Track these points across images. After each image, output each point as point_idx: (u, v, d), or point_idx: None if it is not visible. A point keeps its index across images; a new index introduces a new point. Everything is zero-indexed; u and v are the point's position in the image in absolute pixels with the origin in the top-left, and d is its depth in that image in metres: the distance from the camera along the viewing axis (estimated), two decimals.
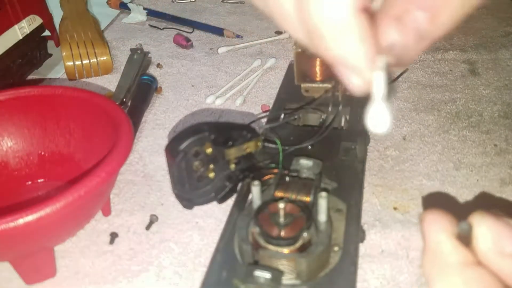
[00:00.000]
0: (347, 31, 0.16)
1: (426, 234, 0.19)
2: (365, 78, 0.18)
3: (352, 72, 0.18)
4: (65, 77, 0.63)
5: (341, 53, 0.17)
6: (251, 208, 0.32)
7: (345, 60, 0.17)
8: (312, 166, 0.37)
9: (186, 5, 0.84)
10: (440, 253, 0.18)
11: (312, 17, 0.17)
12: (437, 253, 0.18)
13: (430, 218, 0.19)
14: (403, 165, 0.46)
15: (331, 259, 0.31)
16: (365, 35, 0.17)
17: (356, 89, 0.18)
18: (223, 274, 0.30)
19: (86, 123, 0.44)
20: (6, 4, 0.56)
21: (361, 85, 0.18)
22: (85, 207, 0.36)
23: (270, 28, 0.74)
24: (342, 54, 0.17)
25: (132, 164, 0.48)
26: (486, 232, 0.18)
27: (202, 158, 0.35)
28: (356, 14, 0.16)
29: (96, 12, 0.78)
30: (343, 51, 0.17)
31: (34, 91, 0.45)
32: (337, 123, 0.43)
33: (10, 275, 0.36)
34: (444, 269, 0.18)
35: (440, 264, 0.18)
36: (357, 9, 0.16)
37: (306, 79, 0.46)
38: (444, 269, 0.18)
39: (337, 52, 0.17)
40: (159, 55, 0.68)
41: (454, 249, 0.18)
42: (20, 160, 0.45)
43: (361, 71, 0.17)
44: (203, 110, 0.56)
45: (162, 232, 0.40)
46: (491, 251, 0.18)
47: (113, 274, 0.37)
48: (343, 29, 0.16)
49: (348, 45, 0.17)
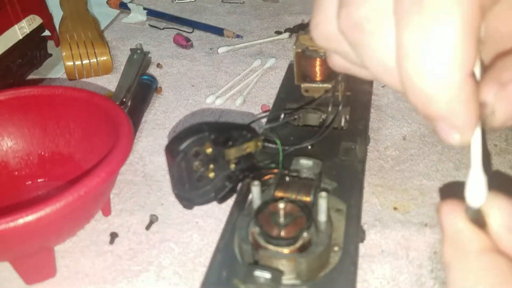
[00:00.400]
0: (457, 95, 0.17)
1: (444, 223, 0.19)
2: (465, 137, 0.18)
3: (452, 130, 0.18)
4: (65, 77, 0.63)
5: (445, 114, 0.17)
6: (251, 208, 0.32)
7: (448, 120, 0.18)
8: (312, 166, 0.37)
9: (186, 5, 0.84)
10: (460, 240, 0.19)
11: (417, 77, 0.17)
12: (457, 240, 0.19)
13: (447, 208, 0.20)
14: (403, 165, 0.46)
15: (331, 259, 0.31)
16: (473, 99, 0.17)
17: (455, 144, 0.18)
18: (223, 274, 0.30)
19: (86, 123, 0.44)
20: (6, 4, 0.56)
21: (460, 142, 0.18)
22: (85, 207, 0.36)
23: (270, 28, 0.74)
24: (446, 114, 0.17)
25: (132, 164, 0.48)
26: (497, 210, 0.19)
27: (202, 158, 0.35)
28: (467, 79, 0.17)
29: (96, 12, 0.78)
30: (447, 112, 0.17)
31: (34, 91, 0.45)
32: (337, 123, 0.43)
33: (10, 275, 0.36)
34: (464, 255, 0.18)
35: (459, 251, 0.19)
36: (468, 75, 0.17)
37: (306, 79, 0.46)
38: (463, 255, 0.18)
39: (441, 112, 0.17)
40: (159, 55, 0.68)
41: (473, 235, 0.19)
42: (20, 160, 0.45)
43: (463, 131, 0.18)
44: (203, 110, 0.56)
45: (162, 232, 0.40)
46: (504, 229, 0.18)
47: (113, 274, 0.37)
48: (454, 93, 0.17)
49: (454, 107, 0.17)
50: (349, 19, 0.18)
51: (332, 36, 0.20)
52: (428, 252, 0.37)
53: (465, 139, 0.18)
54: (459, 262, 0.18)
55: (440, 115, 0.17)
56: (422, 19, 0.16)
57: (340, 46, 0.20)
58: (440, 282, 0.35)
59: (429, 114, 0.18)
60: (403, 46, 0.17)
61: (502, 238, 0.19)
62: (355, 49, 0.19)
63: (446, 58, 0.16)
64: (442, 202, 0.20)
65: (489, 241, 0.19)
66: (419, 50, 0.16)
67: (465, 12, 0.16)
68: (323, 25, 0.20)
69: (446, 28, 0.16)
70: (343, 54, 0.21)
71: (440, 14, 0.16)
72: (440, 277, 0.35)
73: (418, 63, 0.17)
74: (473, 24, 0.16)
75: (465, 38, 0.16)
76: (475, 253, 0.18)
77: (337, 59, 0.22)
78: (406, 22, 0.16)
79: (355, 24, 0.18)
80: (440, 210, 0.20)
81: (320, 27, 0.21)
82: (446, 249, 0.19)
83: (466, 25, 0.16)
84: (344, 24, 0.19)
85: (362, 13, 0.18)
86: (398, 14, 0.17)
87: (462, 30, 0.16)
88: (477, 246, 0.18)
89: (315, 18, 0.21)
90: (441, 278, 0.35)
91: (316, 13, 0.21)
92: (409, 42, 0.17)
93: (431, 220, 0.40)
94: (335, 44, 0.20)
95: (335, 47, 0.21)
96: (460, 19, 0.16)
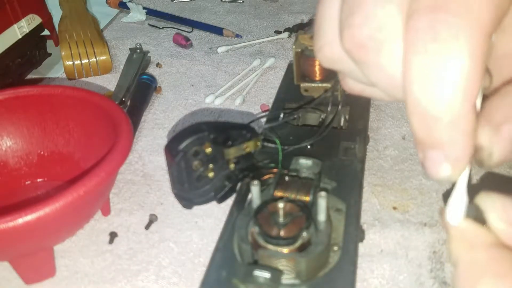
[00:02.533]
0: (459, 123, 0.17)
1: (448, 224, 0.20)
2: (455, 171, 0.18)
3: (444, 162, 0.18)
4: (64, 77, 0.63)
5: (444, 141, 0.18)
6: (250, 208, 0.32)
7: (445, 148, 0.18)
8: (312, 166, 0.37)
9: (186, 5, 0.84)
10: (466, 237, 0.20)
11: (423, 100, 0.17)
12: (463, 238, 0.20)
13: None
14: (402, 165, 0.46)
15: (331, 259, 0.31)
16: (473, 131, 0.17)
17: (442, 177, 0.19)
18: (222, 273, 0.30)
19: (85, 122, 0.44)
20: (5, 4, 0.56)
21: (449, 175, 0.19)
22: (84, 206, 0.36)
23: (270, 27, 0.74)
24: (445, 142, 0.18)
25: (132, 163, 0.48)
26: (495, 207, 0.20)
27: (201, 157, 0.35)
28: (471, 109, 0.17)
29: (96, 11, 0.78)
30: (447, 139, 0.18)
31: (33, 90, 0.45)
32: (337, 122, 0.43)
33: (10, 275, 0.36)
34: (471, 250, 0.19)
35: (466, 246, 0.19)
36: (472, 105, 0.17)
37: (306, 79, 0.46)
38: (471, 250, 0.19)
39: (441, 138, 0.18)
40: (159, 54, 0.68)
41: (477, 231, 0.20)
42: (19, 159, 0.45)
43: (458, 163, 0.18)
44: (203, 110, 0.56)
45: (161, 231, 0.40)
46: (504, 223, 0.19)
47: (112, 274, 0.37)
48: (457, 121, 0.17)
49: (455, 135, 0.17)
50: (353, 39, 0.19)
51: (337, 58, 0.21)
52: (428, 252, 0.37)
53: (455, 173, 0.18)
54: (467, 256, 0.19)
55: (439, 141, 0.18)
56: (436, 47, 0.17)
57: (346, 67, 0.21)
58: (439, 281, 0.35)
59: (428, 139, 0.18)
60: (412, 69, 0.17)
61: (502, 232, 0.19)
62: (361, 68, 0.20)
63: (455, 86, 0.17)
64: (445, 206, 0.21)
65: (491, 235, 0.19)
66: (428, 76, 0.17)
67: (477, 45, 0.16)
68: (327, 48, 0.21)
69: (458, 59, 0.16)
70: (351, 74, 0.21)
71: (454, 45, 0.16)
72: (440, 276, 0.35)
73: (427, 88, 0.17)
74: (482, 57, 0.17)
75: (474, 68, 0.16)
76: (481, 247, 0.19)
77: (350, 82, 0.22)
78: (418, 48, 0.17)
79: (359, 44, 0.19)
80: (444, 213, 0.21)
81: (324, 49, 0.21)
82: (454, 247, 0.20)
83: (476, 57, 0.16)
84: (348, 44, 0.19)
85: (366, 33, 0.18)
86: (410, 39, 0.17)
87: (472, 61, 0.16)
88: (483, 240, 0.19)
89: (319, 41, 0.21)
90: (441, 278, 0.35)
91: (319, 36, 0.21)
92: (419, 66, 0.17)
93: (430, 219, 0.40)
94: (341, 65, 0.21)
95: (342, 68, 0.21)
96: (472, 51, 0.16)
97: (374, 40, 0.18)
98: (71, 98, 0.44)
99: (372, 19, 0.18)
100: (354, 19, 0.19)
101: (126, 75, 0.59)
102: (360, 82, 0.21)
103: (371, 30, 0.18)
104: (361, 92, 0.22)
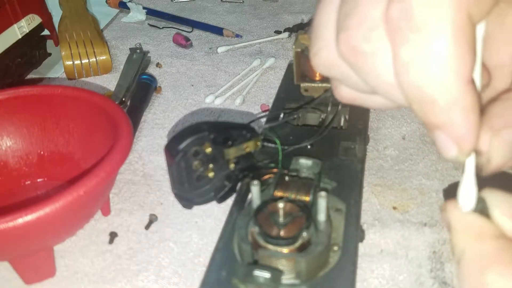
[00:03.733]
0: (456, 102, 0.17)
1: (452, 218, 0.20)
2: (463, 150, 0.18)
3: (452, 142, 0.18)
4: (64, 77, 0.63)
5: (445, 120, 0.18)
6: (250, 208, 0.32)
7: (448, 128, 0.18)
8: (312, 166, 0.37)
9: (186, 4, 0.84)
10: (473, 229, 0.20)
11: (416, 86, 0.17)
12: (469, 229, 0.20)
13: (453, 205, 0.21)
14: (402, 165, 0.46)
15: (331, 259, 0.31)
16: (473, 109, 0.18)
17: (451, 157, 0.19)
18: (222, 273, 0.30)
19: (85, 122, 0.44)
20: (5, 4, 0.56)
21: (455, 155, 0.19)
22: (84, 206, 0.36)
23: (270, 27, 0.74)
24: (446, 121, 0.18)
25: (132, 163, 0.48)
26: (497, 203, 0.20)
27: (201, 157, 0.35)
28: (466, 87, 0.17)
29: (95, 11, 0.78)
30: (447, 119, 0.18)
31: (33, 90, 0.45)
32: (337, 122, 0.43)
33: (10, 275, 0.36)
34: (479, 240, 0.19)
35: (474, 237, 0.20)
36: (466, 82, 0.17)
37: (306, 79, 0.46)
38: (479, 240, 0.19)
39: (441, 118, 0.18)
40: (159, 54, 0.68)
41: (484, 223, 0.20)
42: (19, 159, 0.45)
43: (462, 142, 0.18)
44: (203, 110, 0.56)
45: (161, 231, 0.40)
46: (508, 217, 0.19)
47: (112, 274, 0.37)
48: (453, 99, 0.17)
49: (454, 114, 0.18)
50: (348, 43, 0.19)
51: (333, 63, 0.21)
52: (428, 252, 0.37)
53: (462, 153, 0.19)
54: (474, 247, 0.19)
55: (440, 121, 0.18)
56: (415, 36, 0.17)
57: (341, 72, 0.21)
58: (439, 281, 0.35)
59: (430, 120, 0.18)
60: (400, 60, 0.18)
61: (506, 226, 0.20)
62: (357, 72, 0.20)
63: (444, 67, 0.17)
64: (448, 201, 0.21)
65: (497, 228, 0.20)
66: (415, 63, 0.17)
67: (454, 24, 0.16)
68: (323, 53, 0.21)
69: (438, 40, 0.17)
70: (346, 80, 0.21)
71: (431, 29, 0.17)
72: (440, 276, 0.35)
73: (418, 74, 0.17)
74: (463, 34, 0.17)
75: (458, 46, 0.17)
76: (489, 237, 0.19)
77: (343, 90, 0.22)
78: (400, 40, 0.17)
79: (354, 47, 0.19)
80: (446, 207, 0.21)
81: (320, 55, 0.21)
82: (459, 239, 0.20)
83: (456, 35, 0.17)
84: (344, 48, 0.19)
85: (360, 35, 0.18)
86: (391, 33, 0.18)
87: (454, 39, 0.17)
88: (491, 231, 0.19)
89: (315, 47, 0.21)
90: (441, 278, 0.35)
91: (315, 42, 0.21)
92: (406, 56, 0.17)
93: (430, 219, 0.40)
94: (336, 70, 0.21)
95: (337, 73, 0.21)
96: (449, 31, 0.16)
97: (368, 41, 0.18)
98: (71, 98, 0.44)
99: (366, 20, 0.18)
100: (350, 21, 0.19)
101: (126, 75, 0.59)
102: (355, 89, 0.21)
103: (365, 31, 0.18)
104: (353, 100, 0.22)
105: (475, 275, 0.18)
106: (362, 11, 0.18)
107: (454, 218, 0.20)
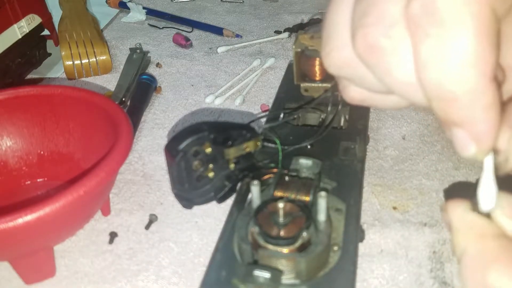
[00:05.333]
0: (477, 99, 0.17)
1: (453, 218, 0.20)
2: (482, 148, 0.18)
3: (471, 139, 0.18)
4: (64, 77, 0.63)
5: (466, 117, 0.18)
6: (250, 208, 0.32)
7: (468, 125, 0.18)
8: (312, 166, 0.37)
9: (186, 4, 0.84)
10: (474, 228, 0.20)
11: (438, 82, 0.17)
12: (471, 228, 0.20)
13: (455, 205, 0.21)
14: (402, 165, 0.46)
15: (331, 259, 0.31)
16: (494, 107, 0.17)
17: (467, 155, 0.19)
18: (222, 273, 0.30)
19: (85, 122, 0.44)
20: (5, 4, 0.56)
21: (473, 153, 0.19)
22: (84, 206, 0.36)
23: (270, 27, 0.74)
24: (467, 118, 0.18)
25: (132, 163, 0.48)
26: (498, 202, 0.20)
27: (201, 157, 0.35)
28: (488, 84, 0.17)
29: (95, 11, 0.78)
30: (468, 116, 0.17)
31: (33, 90, 0.45)
32: (337, 122, 0.43)
33: (10, 275, 0.36)
34: (481, 239, 0.19)
35: (475, 236, 0.20)
36: (488, 79, 0.17)
37: (306, 79, 0.46)
38: (480, 239, 0.19)
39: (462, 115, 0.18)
40: (159, 54, 0.68)
41: (486, 223, 0.20)
42: (19, 159, 0.45)
43: (482, 140, 0.18)
44: (203, 110, 0.56)
45: (161, 231, 0.40)
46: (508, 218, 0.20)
47: (112, 274, 0.37)
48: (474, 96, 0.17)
49: (475, 111, 0.17)
50: (366, 40, 0.18)
51: (346, 63, 0.20)
52: (428, 252, 0.37)
53: (480, 151, 0.18)
54: (476, 245, 0.19)
55: (460, 118, 0.18)
56: (438, 31, 0.16)
57: (355, 72, 0.20)
58: (439, 281, 0.35)
59: (450, 117, 0.18)
60: (421, 57, 0.17)
61: (507, 226, 0.20)
62: (374, 70, 0.19)
63: (465, 64, 0.16)
64: (448, 201, 0.21)
65: (498, 228, 0.20)
66: (437, 59, 0.17)
67: (478, 19, 0.16)
68: (336, 52, 0.20)
69: (461, 36, 0.16)
70: (359, 80, 0.21)
71: (454, 24, 0.16)
72: (440, 276, 0.35)
73: (439, 71, 0.17)
74: (486, 31, 0.16)
75: (480, 42, 0.16)
76: (491, 236, 0.19)
77: (353, 90, 0.22)
78: (422, 36, 0.17)
79: (373, 44, 0.18)
80: (448, 207, 0.21)
81: (333, 54, 0.21)
82: (461, 238, 0.20)
83: (480, 31, 0.16)
84: (361, 46, 0.19)
85: (379, 32, 0.18)
86: (412, 29, 0.17)
87: (477, 34, 0.16)
88: (492, 231, 0.20)
89: (327, 47, 0.21)
90: (441, 278, 0.35)
91: (327, 42, 0.21)
92: (427, 52, 0.17)
93: (430, 219, 0.40)
94: (349, 70, 0.20)
95: (349, 73, 0.21)
96: (473, 26, 0.16)
97: (388, 38, 0.18)
98: (71, 98, 0.44)
99: (385, 17, 0.18)
100: (367, 18, 0.18)
101: (126, 75, 0.59)
102: (367, 89, 0.21)
103: (385, 28, 0.18)
104: (362, 101, 0.22)
105: (476, 274, 0.18)
106: (380, 8, 0.18)
107: (455, 218, 0.20)
